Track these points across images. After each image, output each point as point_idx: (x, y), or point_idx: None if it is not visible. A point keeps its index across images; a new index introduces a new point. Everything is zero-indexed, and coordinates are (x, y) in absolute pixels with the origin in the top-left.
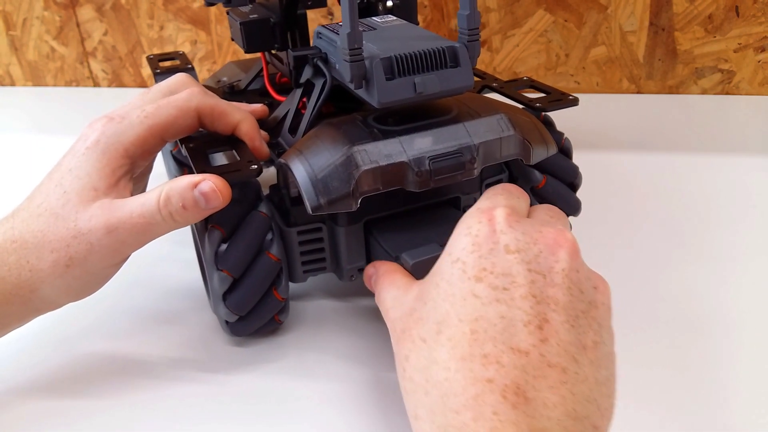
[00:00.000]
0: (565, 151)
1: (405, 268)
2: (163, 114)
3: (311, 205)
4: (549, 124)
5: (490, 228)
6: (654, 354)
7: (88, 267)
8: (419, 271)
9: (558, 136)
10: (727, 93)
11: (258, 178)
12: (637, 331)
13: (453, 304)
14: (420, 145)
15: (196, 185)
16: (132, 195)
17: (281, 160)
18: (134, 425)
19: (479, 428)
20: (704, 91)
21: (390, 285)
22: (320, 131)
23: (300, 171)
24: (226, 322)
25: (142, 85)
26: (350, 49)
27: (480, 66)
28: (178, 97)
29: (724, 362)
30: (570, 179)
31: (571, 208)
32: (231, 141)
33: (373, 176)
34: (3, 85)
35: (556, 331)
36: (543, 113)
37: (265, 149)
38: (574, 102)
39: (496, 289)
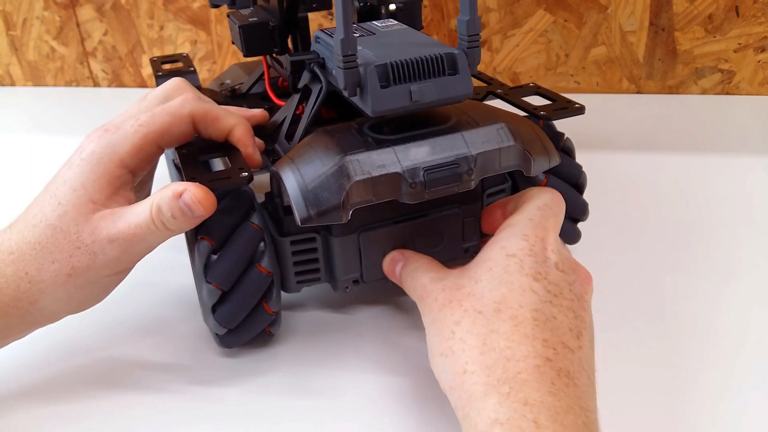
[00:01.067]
0: (566, 151)
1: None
2: (157, 122)
3: (300, 216)
4: (548, 125)
5: (543, 245)
6: (652, 353)
7: (91, 276)
8: (368, 241)
9: (558, 137)
10: (727, 93)
11: (254, 185)
12: (637, 330)
13: (512, 291)
14: (415, 155)
15: (180, 195)
16: (135, 202)
17: (273, 168)
18: None
19: (540, 388)
20: (704, 91)
21: (426, 267)
22: (314, 139)
23: (291, 181)
24: (216, 333)
25: (142, 85)
26: (344, 56)
27: (480, 66)
28: (171, 104)
29: (724, 362)
30: (573, 179)
31: (577, 210)
32: (225, 147)
33: (365, 187)
34: (3, 85)
35: (586, 345)
36: (548, 119)
37: (256, 157)
38: (581, 110)
39: (549, 293)
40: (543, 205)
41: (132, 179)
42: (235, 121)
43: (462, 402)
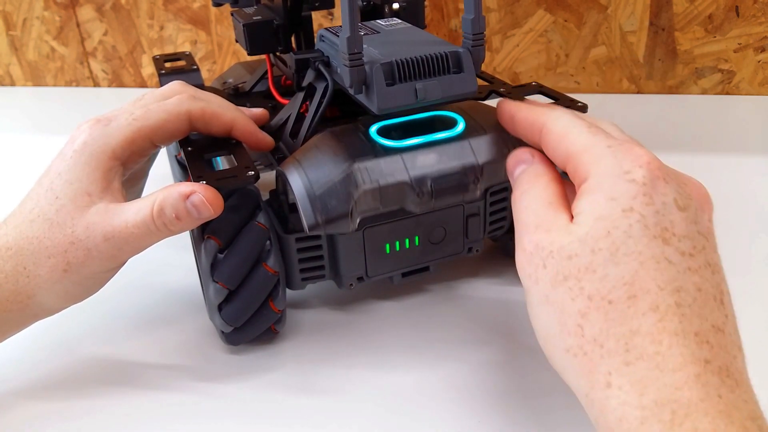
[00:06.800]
0: None
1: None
2: (152, 117)
3: (308, 222)
4: None
5: (651, 175)
6: None
7: (86, 272)
8: (372, 238)
9: None
10: (727, 93)
11: (258, 183)
12: None
13: (643, 265)
14: (422, 163)
15: (187, 196)
16: (128, 198)
17: (280, 168)
18: (128, 429)
19: (709, 409)
20: (704, 91)
21: (541, 192)
22: (321, 142)
23: (298, 185)
24: (222, 331)
25: (142, 85)
26: (350, 54)
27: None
28: (168, 101)
29: None
30: None
31: None
32: (230, 145)
33: (373, 196)
34: (3, 85)
35: (728, 305)
36: None
37: (268, 139)
38: (583, 109)
39: (684, 255)
40: (590, 121)
41: (123, 172)
42: (235, 115)
43: (608, 422)
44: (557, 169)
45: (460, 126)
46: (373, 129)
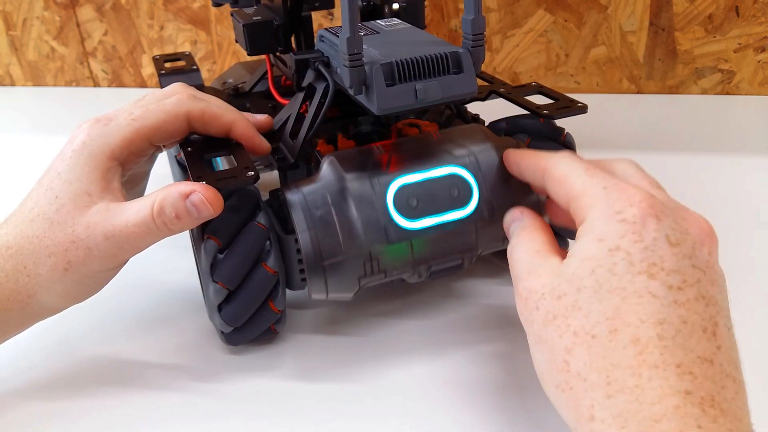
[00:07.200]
0: (567, 146)
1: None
2: (151, 117)
3: (313, 290)
4: (548, 121)
5: (642, 213)
6: None
7: (86, 271)
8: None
9: (558, 132)
10: (727, 93)
11: (258, 183)
12: None
13: (625, 300)
14: (428, 249)
15: (187, 196)
16: (129, 198)
17: (289, 201)
18: (129, 429)
19: None
20: (704, 91)
21: (528, 244)
22: (334, 194)
23: (307, 244)
24: (222, 331)
25: (142, 85)
26: (350, 54)
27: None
28: (167, 101)
29: None
30: None
31: None
32: (230, 145)
33: (377, 281)
34: (3, 85)
35: (723, 336)
36: (551, 118)
37: (265, 144)
38: (583, 109)
39: (671, 289)
40: (589, 162)
41: (122, 172)
42: (234, 117)
43: None
44: (546, 221)
45: (472, 205)
46: (390, 197)
